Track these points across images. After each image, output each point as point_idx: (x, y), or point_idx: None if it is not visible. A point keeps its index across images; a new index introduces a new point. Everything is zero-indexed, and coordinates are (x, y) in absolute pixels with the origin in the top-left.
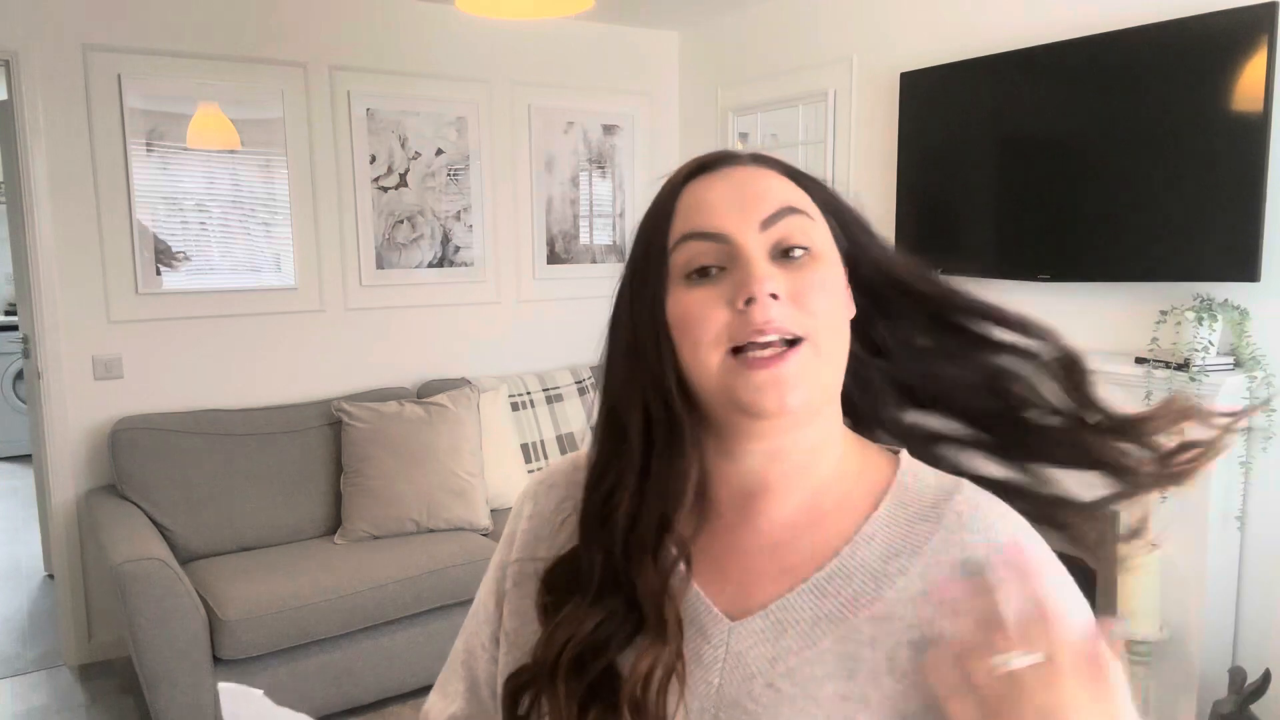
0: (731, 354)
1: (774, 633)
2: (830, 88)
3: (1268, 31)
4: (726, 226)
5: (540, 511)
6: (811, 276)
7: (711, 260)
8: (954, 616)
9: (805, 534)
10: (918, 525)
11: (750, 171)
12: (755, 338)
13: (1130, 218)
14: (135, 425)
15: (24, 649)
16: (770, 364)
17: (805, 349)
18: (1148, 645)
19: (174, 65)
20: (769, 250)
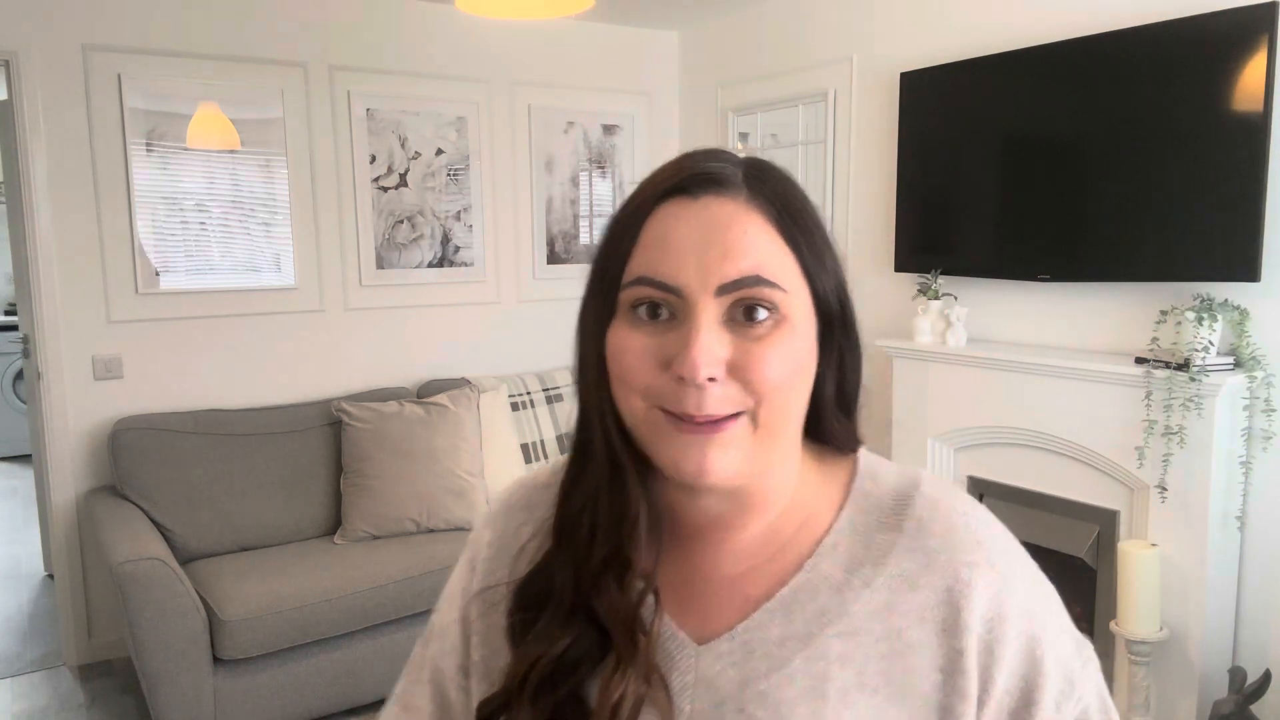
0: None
1: (742, 655)
2: (830, 88)
3: (1268, 31)
4: (683, 279)
5: (501, 537)
6: (770, 349)
7: (660, 303)
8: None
9: (766, 564)
10: (878, 534)
11: (730, 212)
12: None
13: (1130, 218)
14: (135, 425)
15: (24, 649)
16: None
17: (743, 422)
18: (1148, 645)
19: (174, 65)
20: (725, 313)
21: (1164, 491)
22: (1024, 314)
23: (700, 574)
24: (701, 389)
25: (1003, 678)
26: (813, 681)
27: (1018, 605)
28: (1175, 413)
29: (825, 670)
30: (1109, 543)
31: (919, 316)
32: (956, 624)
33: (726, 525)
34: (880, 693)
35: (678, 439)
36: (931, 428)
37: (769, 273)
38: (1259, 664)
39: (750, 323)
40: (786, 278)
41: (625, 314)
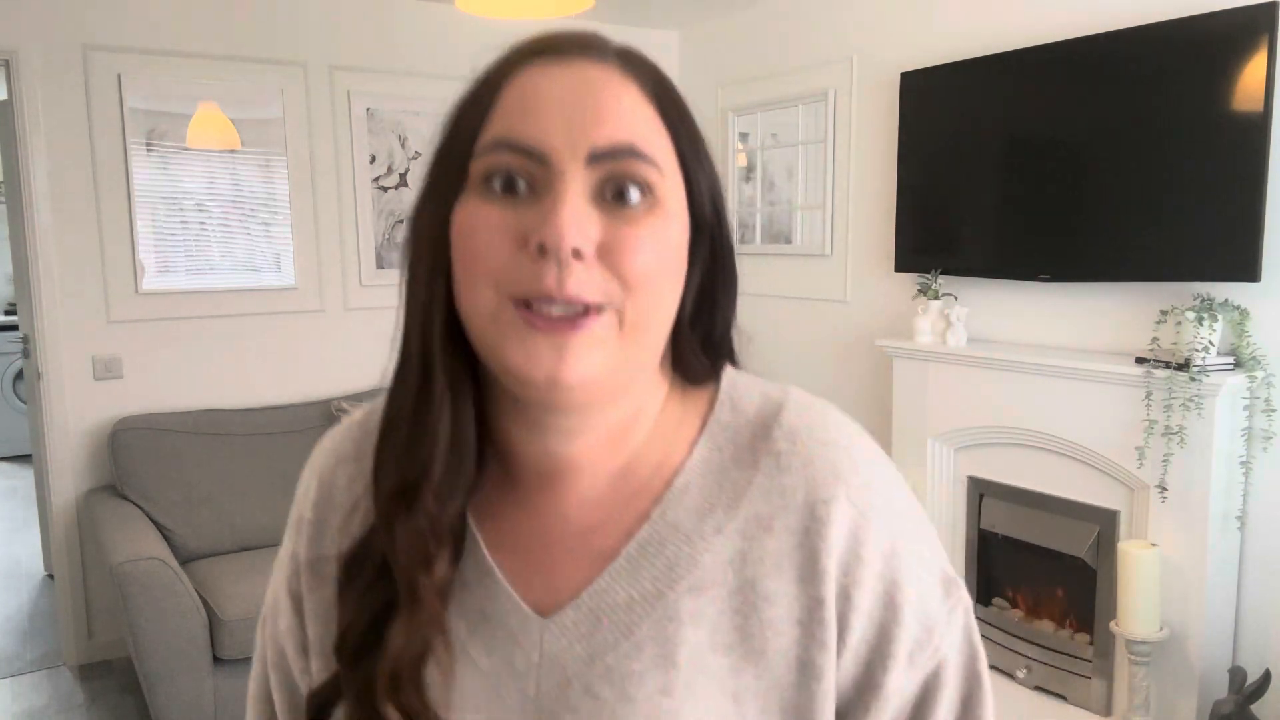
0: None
1: (589, 626)
2: (830, 88)
3: (1268, 31)
4: (548, 143)
5: (327, 497)
6: (644, 233)
7: (519, 173)
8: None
9: (617, 511)
10: (732, 471)
11: (605, 76)
12: (540, 302)
13: (1130, 218)
14: (135, 425)
15: (24, 649)
16: (556, 330)
17: (602, 322)
18: (1148, 645)
19: (174, 65)
20: (594, 186)
21: (1164, 491)
22: (1024, 314)
23: (546, 530)
24: (565, 265)
25: (860, 625)
26: (661, 649)
27: (877, 544)
28: (1175, 413)
29: (675, 633)
30: (1109, 543)
31: (919, 316)
32: (814, 570)
33: (574, 470)
34: (735, 651)
35: (530, 337)
36: (931, 428)
37: (645, 147)
38: (1259, 664)
39: (622, 204)
40: (663, 158)
41: (477, 188)
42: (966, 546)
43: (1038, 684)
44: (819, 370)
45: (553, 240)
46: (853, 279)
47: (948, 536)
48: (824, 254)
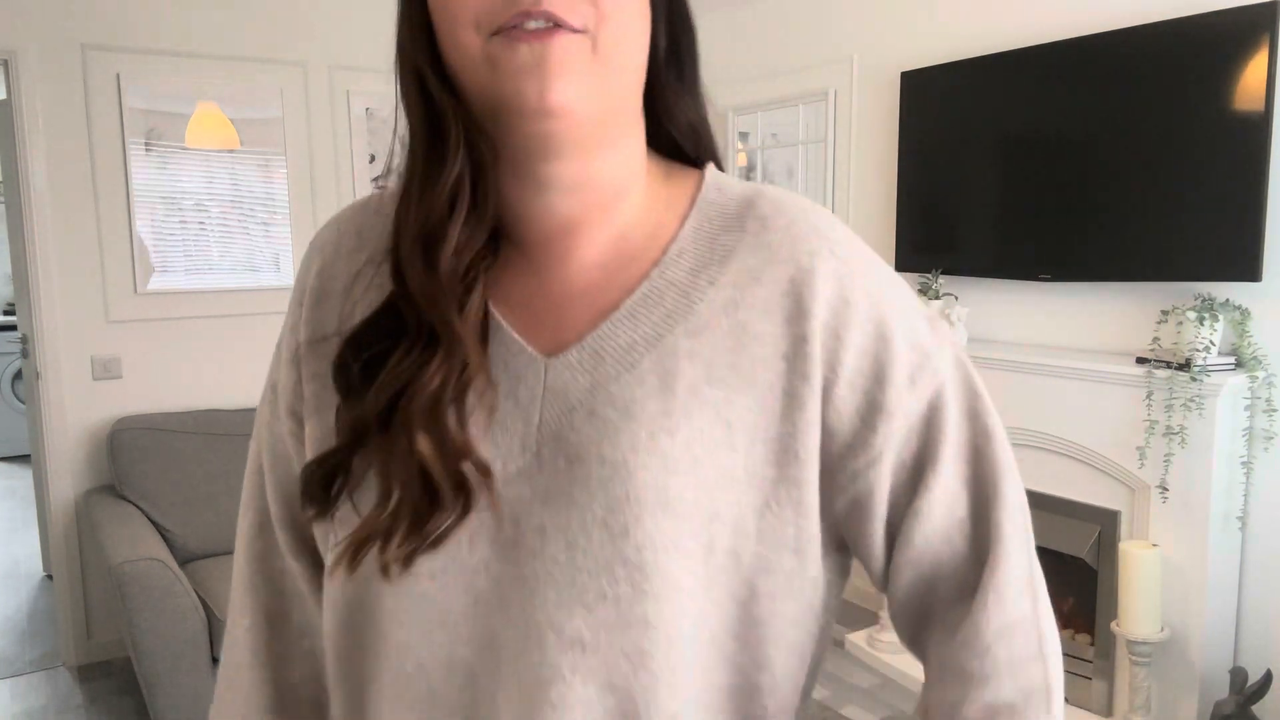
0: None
1: (591, 363)
2: (830, 88)
3: (1268, 31)
4: None
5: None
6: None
7: None
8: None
9: (616, 274)
10: (722, 236)
11: None
12: (519, 20)
13: (1130, 218)
14: (134, 425)
15: (23, 649)
16: (535, 38)
17: (582, 39)
18: (1149, 646)
19: (173, 65)
20: None
21: (1165, 492)
22: (1025, 314)
23: (548, 290)
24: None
25: (851, 358)
26: (661, 379)
27: (862, 288)
28: (1176, 413)
29: (674, 367)
30: (1110, 543)
31: None
32: (800, 311)
33: (572, 230)
34: (727, 383)
35: (515, 59)
36: None
37: None
38: (1260, 664)
39: None
40: None
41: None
42: None
43: None
44: None
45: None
46: None
47: None
48: None
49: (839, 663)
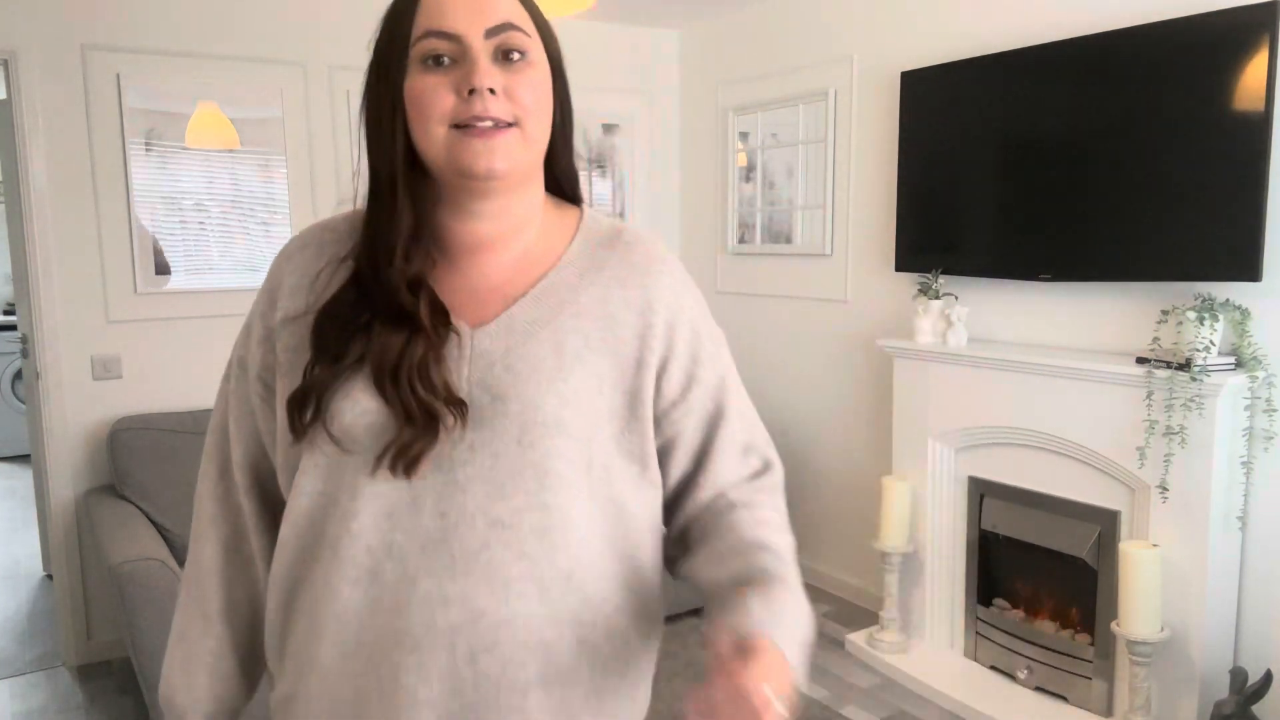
0: (454, 129)
1: (505, 332)
2: (830, 88)
3: (1268, 31)
4: (460, 28)
5: (303, 272)
6: (523, 77)
7: (445, 53)
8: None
9: (522, 274)
10: (599, 252)
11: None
12: (474, 121)
13: (1130, 218)
14: (134, 425)
15: (23, 649)
16: (486, 135)
17: (514, 132)
18: (1149, 646)
19: (173, 65)
20: (492, 53)
21: (1165, 492)
22: (1025, 314)
23: (472, 285)
24: (485, 97)
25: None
26: (555, 346)
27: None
28: (1176, 413)
29: (563, 339)
30: (1110, 543)
31: (919, 316)
32: (649, 309)
33: (492, 245)
34: (599, 351)
35: (471, 145)
36: (932, 428)
37: (519, 22)
38: (1260, 664)
39: (509, 62)
40: (530, 30)
41: (417, 68)
42: (967, 546)
43: (1039, 684)
44: (819, 370)
45: (478, 83)
46: (853, 279)
47: (948, 536)
48: (824, 254)
49: (839, 663)
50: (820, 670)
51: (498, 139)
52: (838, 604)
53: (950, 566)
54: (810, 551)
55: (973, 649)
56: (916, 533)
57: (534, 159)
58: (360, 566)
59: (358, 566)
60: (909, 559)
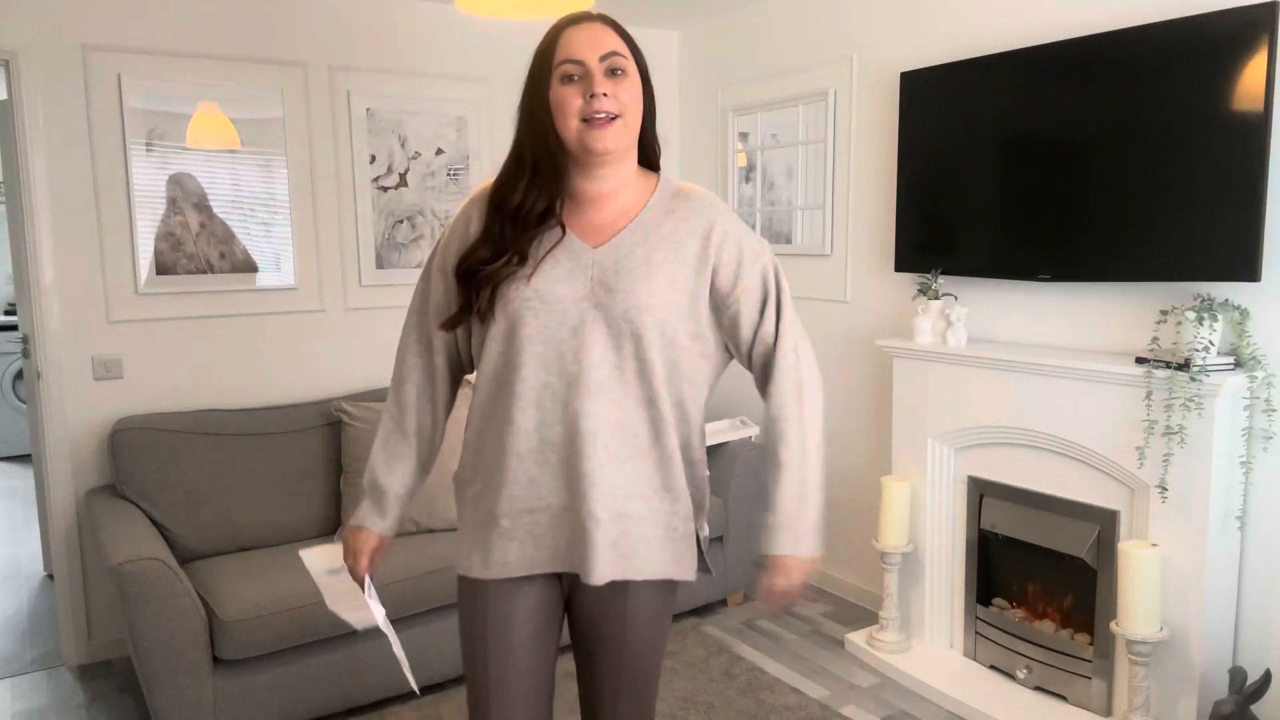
0: (583, 122)
1: (613, 251)
2: (830, 88)
3: (1268, 31)
4: (584, 56)
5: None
6: (624, 86)
7: (575, 73)
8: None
9: (621, 216)
10: (670, 201)
11: (599, 28)
12: (595, 114)
13: (1130, 218)
14: (135, 425)
15: (24, 649)
16: (603, 126)
17: (619, 122)
18: (1148, 645)
19: (174, 65)
20: (604, 70)
21: (1164, 491)
22: (1024, 314)
23: (591, 222)
24: (600, 100)
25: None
26: (644, 259)
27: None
28: (1175, 413)
29: (649, 255)
30: (1109, 543)
31: (919, 316)
32: (709, 235)
33: (604, 197)
34: (673, 261)
35: (593, 132)
36: (932, 428)
37: (620, 50)
38: (1259, 664)
39: (615, 76)
40: (627, 54)
41: (558, 82)
42: (966, 546)
43: (1038, 684)
44: (819, 370)
45: (597, 88)
46: (853, 279)
47: (947, 536)
48: (824, 254)
49: (839, 663)
50: (820, 670)
51: (609, 128)
52: (837, 603)
53: (950, 566)
54: None
55: (972, 648)
56: (916, 532)
57: (631, 140)
58: (527, 399)
59: (525, 399)
60: (908, 559)
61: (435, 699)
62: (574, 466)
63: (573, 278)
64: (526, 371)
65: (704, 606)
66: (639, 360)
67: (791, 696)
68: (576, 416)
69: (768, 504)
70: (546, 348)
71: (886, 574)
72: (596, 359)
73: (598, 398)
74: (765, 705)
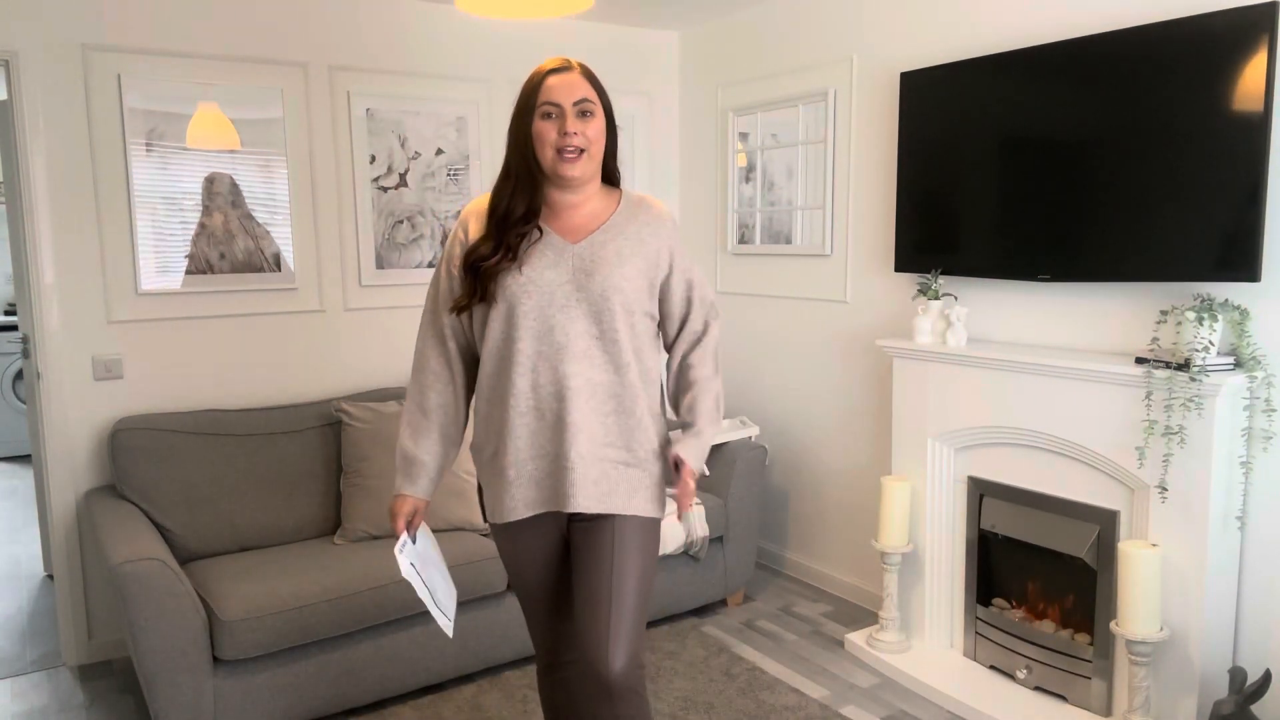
0: (556, 153)
1: (589, 245)
2: (830, 88)
3: (1268, 31)
4: (560, 100)
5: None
6: (591, 125)
7: (553, 112)
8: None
9: (593, 221)
10: (634, 209)
11: (574, 77)
12: (565, 149)
13: (1130, 218)
14: (135, 425)
15: (24, 649)
16: (572, 159)
17: (585, 155)
18: (1148, 645)
19: (174, 65)
20: (575, 113)
21: (1164, 491)
22: (1024, 314)
23: (566, 225)
24: (570, 138)
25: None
26: (616, 251)
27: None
28: (1175, 413)
29: (620, 249)
30: (1109, 543)
31: (919, 316)
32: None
33: (575, 206)
34: (637, 256)
35: (563, 163)
36: (931, 428)
37: (591, 98)
38: (1259, 664)
39: (584, 117)
40: (595, 100)
41: (539, 118)
42: (966, 546)
43: (1038, 684)
44: (819, 370)
45: (568, 129)
46: (853, 279)
47: (947, 536)
48: (824, 254)
49: (839, 663)
50: (820, 670)
51: (578, 160)
52: (837, 604)
53: (950, 566)
54: (810, 551)
55: (972, 648)
56: (916, 532)
57: (596, 168)
58: (525, 366)
59: (523, 365)
60: (908, 559)
61: (435, 699)
62: (562, 419)
63: (557, 266)
64: (523, 344)
65: (704, 606)
66: (613, 331)
67: (791, 696)
68: (564, 378)
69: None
70: (539, 323)
71: (886, 574)
72: (580, 330)
73: (581, 362)
74: (765, 705)
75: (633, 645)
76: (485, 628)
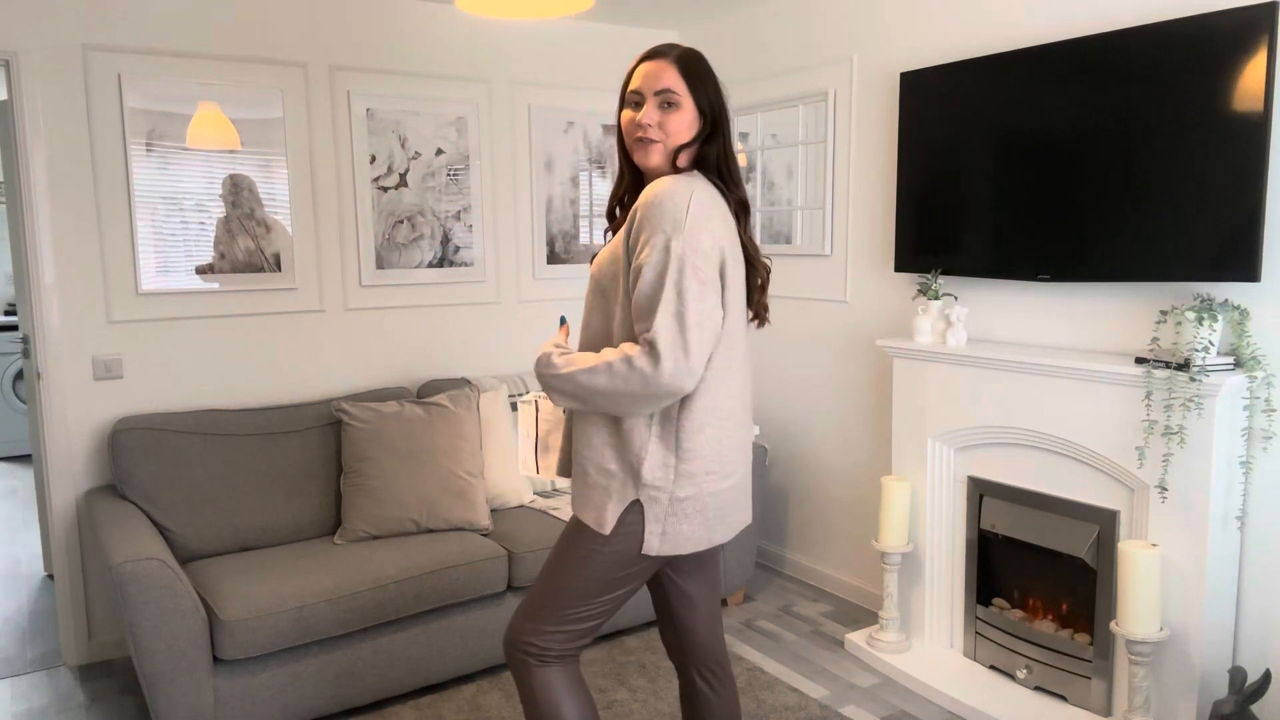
0: (636, 140)
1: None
2: (830, 88)
3: (1268, 31)
4: (643, 88)
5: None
6: (674, 117)
7: (637, 100)
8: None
9: None
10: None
11: (662, 65)
12: (638, 137)
13: (1130, 218)
14: (135, 425)
15: (24, 649)
16: (645, 146)
17: (658, 144)
18: (1148, 645)
19: (174, 65)
20: (657, 103)
21: (1164, 491)
22: (1024, 314)
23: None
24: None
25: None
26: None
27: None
28: (1175, 413)
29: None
30: (1109, 543)
31: (919, 316)
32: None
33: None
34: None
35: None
36: (931, 428)
37: (676, 89)
38: (1259, 664)
39: (666, 108)
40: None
41: (628, 106)
42: (966, 546)
43: (1038, 684)
44: (819, 370)
45: (643, 120)
46: (853, 279)
47: (947, 536)
48: (824, 254)
49: (839, 662)
50: (820, 670)
51: (650, 149)
52: (837, 603)
53: (949, 566)
54: (810, 551)
55: (972, 648)
56: (916, 532)
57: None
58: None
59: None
60: (908, 559)
61: (435, 699)
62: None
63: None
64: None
65: None
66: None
67: (791, 696)
68: None
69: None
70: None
71: (886, 574)
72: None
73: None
74: (765, 705)
75: (516, 624)
76: (485, 628)
